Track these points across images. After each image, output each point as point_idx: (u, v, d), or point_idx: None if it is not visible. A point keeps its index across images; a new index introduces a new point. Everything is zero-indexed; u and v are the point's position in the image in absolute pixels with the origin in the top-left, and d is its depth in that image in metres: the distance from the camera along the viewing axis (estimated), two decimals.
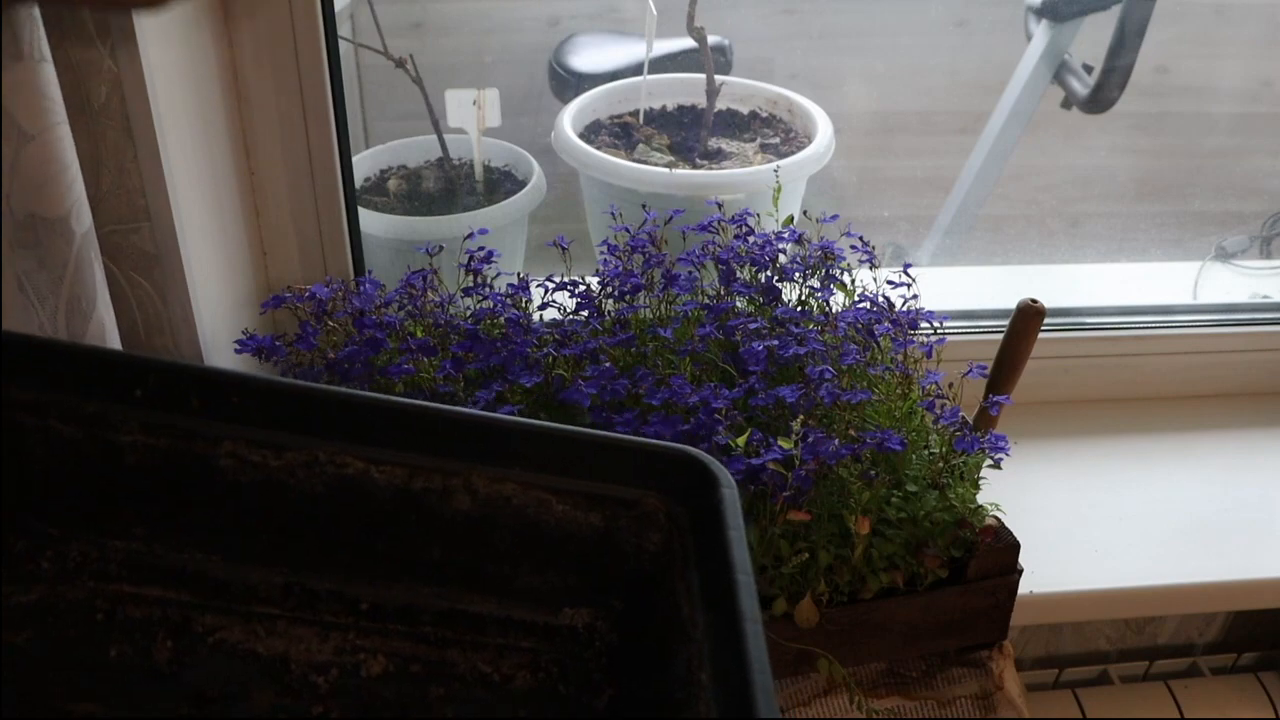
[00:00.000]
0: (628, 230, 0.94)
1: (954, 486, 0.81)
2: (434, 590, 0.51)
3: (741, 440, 0.74)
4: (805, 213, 1.03)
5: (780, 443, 0.74)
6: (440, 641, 0.51)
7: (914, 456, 0.82)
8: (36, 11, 0.61)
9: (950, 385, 0.83)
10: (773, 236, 0.92)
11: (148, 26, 0.73)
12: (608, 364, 0.81)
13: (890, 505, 0.80)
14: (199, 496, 0.50)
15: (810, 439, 0.74)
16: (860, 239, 0.92)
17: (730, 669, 0.42)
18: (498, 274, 0.91)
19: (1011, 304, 0.86)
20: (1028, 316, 0.85)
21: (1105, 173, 1.96)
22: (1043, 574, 0.92)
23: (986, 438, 0.82)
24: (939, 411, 0.82)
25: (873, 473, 0.77)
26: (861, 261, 0.92)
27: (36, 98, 0.62)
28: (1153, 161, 2.01)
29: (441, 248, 0.92)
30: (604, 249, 0.94)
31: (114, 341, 0.72)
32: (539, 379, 0.81)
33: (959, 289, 1.28)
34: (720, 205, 0.97)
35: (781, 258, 0.92)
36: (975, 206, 1.67)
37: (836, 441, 0.74)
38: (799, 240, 0.93)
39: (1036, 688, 1.22)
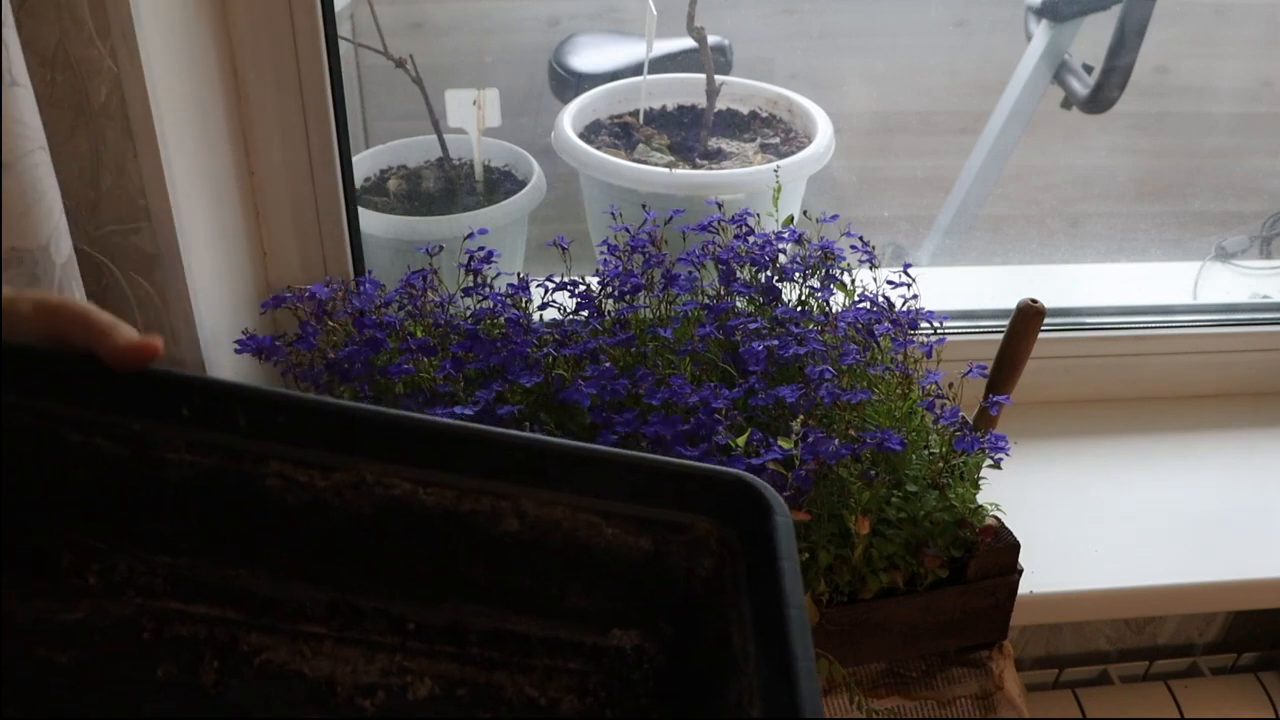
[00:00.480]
0: (628, 230, 0.94)
1: (954, 486, 0.81)
2: (480, 609, 0.50)
3: (741, 440, 0.74)
4: (805, 213, 1.03)
5: (780, 443, 0.74)
6: (487, 663, 0.51)
7: (914, 456, 0.82)
8: (8, 35, 0.60)
9: (950, 385, 0.83)
10: (773, 236, 0.92)
11: (148, 26, 0.73)
12: (608, 364, 0.81)
13: (890, 505, 0.80)
14: (245, 514, 0.49)
15: (810, 439, 0.74)
16: (860, 239, 0.92)
17: (783, 705, 0.41)
18: (498, 274, 0.91)
19: (1011, 304, 0.86)
20: (1028, 316, 0.85)
21: (1105, 173, 1.96)
22: (1043, 574, 0.92)
23: (986, 438, 0.82)
24: (939, 411, 0.82)
25: (873, 473, 0.77)
26: (861, 261, 0.92)
27: (11, 124, 0.61)
28: (1153, 161, 2.01)
29: (441, 248, 0.92)
30: (604, 249, 0.94)
31: None
32: (539, 379, 0.81)
33: (959, 289, 1.28)
34: (720, 205, 0.97)
35: (781, 258, 0.92)
36: (975, 206, 1.67)
37: (836, 441, 0.74)
38: (799, 240, 0.93)
39: (1036, 688, 1.22)
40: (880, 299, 0.88)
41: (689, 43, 1.21)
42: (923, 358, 0.85)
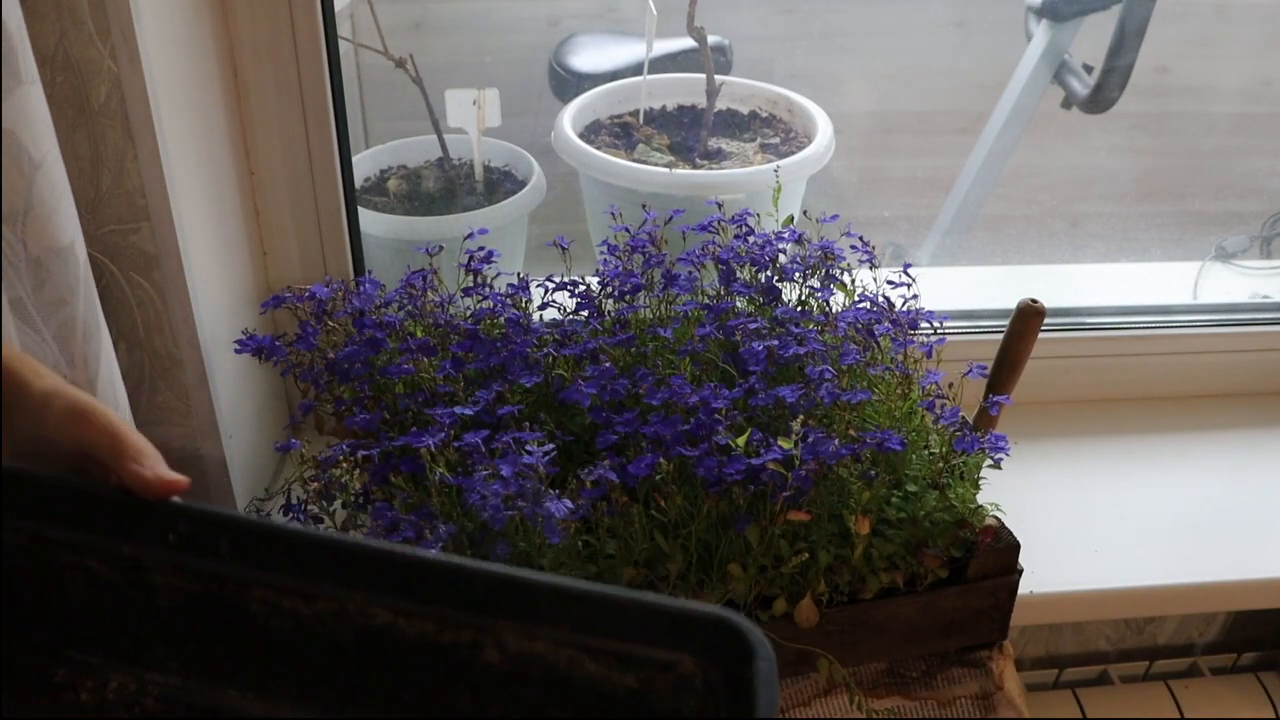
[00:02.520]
0: (628, 230, 0.94)
1: (954, 486, 0.81)
2: None
3: (741, 440, 0.74)
4: (805, 213, 1.03)
5: (780, 443, 0.74)
6: None
7: (914, 456, 0.82)
8: (22, 31, 0.60)
9: (950, 385, 0.83)
10: (773, 236, 0.92)
11: (148, 27, 0.73)
12: (608, 364, 0.81)
13: (890, 505, 0.80)
14: (232, 637, 0.51)
15: (810, 439, 0.74)
16: (860, 239, 0.92)
17: None
18: (498, 274, 0.91)
19: (1011, 304, 0.86)
20: (1028, 316, 0.85)
21: (1105, 173, 1.96)
22: (1043, 574, 0.92)
23: (986, 438, 0.82)
24: (939, 411, 0.82)
25: (873, 473, 0.77)
26: (861, 261, 0.92)
27: (35, 124, 0.61)
28: (1153, 161, 2.01)
29: (441, 248, 0.92)
30: (604, 249, 0.94)
31: (112, 366, 0.71)
32: (539, 379, 0.81)
33: (959, 289, 1.28)
34: (720, 205, 0.97)
35: (781, 258, 0.92)
36: (975, 206, 1.67)
37: (836, 441, 0.74)
38: (799, 240, 0.93)
39: (1036, 688, 1.22)
40: (880, 299, 0.88)
41: (689, 43, 1.22)
42: (923, 358, 0.85)
